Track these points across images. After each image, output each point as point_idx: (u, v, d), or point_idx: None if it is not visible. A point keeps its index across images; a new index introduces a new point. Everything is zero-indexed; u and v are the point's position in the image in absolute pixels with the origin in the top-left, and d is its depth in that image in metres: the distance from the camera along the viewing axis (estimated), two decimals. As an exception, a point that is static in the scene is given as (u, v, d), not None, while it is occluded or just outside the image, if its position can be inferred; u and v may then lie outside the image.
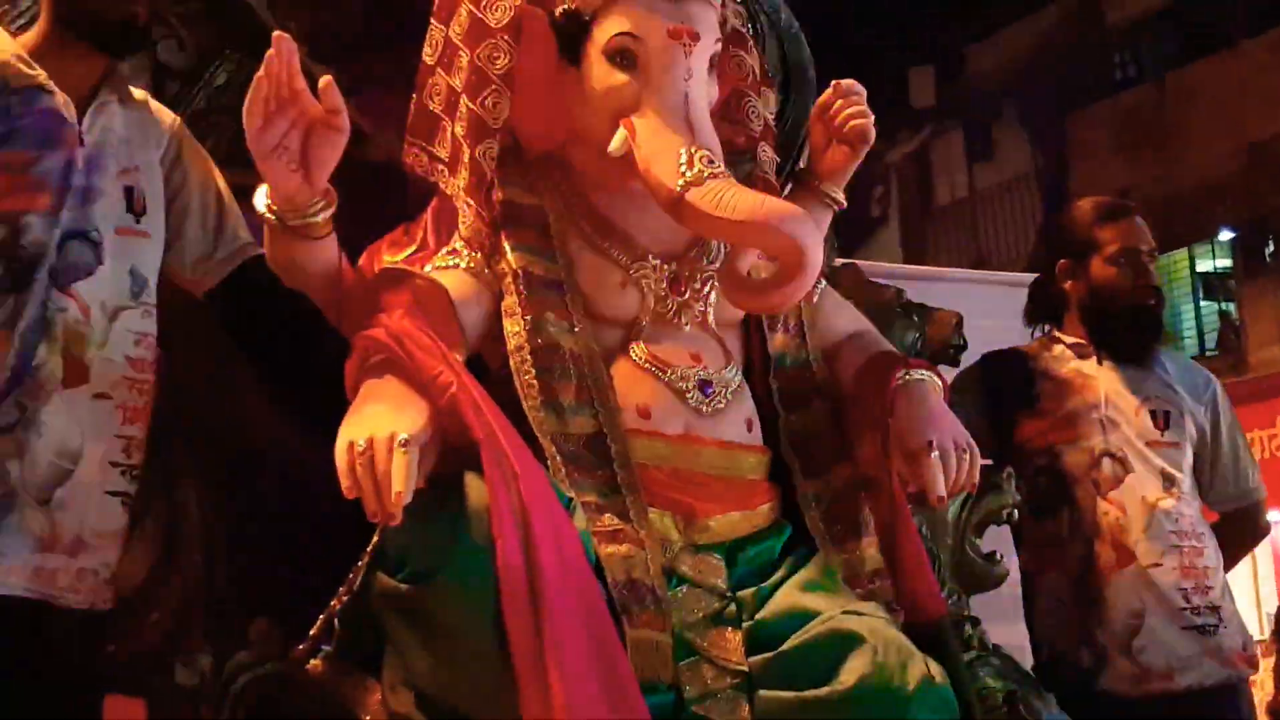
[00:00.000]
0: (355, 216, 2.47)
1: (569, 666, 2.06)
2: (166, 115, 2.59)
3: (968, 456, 2.50)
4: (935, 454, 2.46)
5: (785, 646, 2.30)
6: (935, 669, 2.31)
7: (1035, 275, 3.56)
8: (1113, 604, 3.15)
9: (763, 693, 2.27)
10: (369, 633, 2.30)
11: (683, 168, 2.36)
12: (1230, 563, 3.34)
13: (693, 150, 2.38)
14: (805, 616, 2.32)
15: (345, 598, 2.33)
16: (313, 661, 2.32)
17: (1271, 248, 15.40)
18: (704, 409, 2.49)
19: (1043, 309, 3.45)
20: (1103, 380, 3.30)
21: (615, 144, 2.44)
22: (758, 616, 2.35)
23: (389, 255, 2.55)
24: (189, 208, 2.56)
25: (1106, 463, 3.22)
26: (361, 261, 2.54)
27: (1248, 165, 14.69)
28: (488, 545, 2.12)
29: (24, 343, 2.31)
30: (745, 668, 2.29)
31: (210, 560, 2.48)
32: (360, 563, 2.32)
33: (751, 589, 2.39)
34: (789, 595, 2.38)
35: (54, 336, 2.33)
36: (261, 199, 2.37)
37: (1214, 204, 15.14)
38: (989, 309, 3.38)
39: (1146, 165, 15.32)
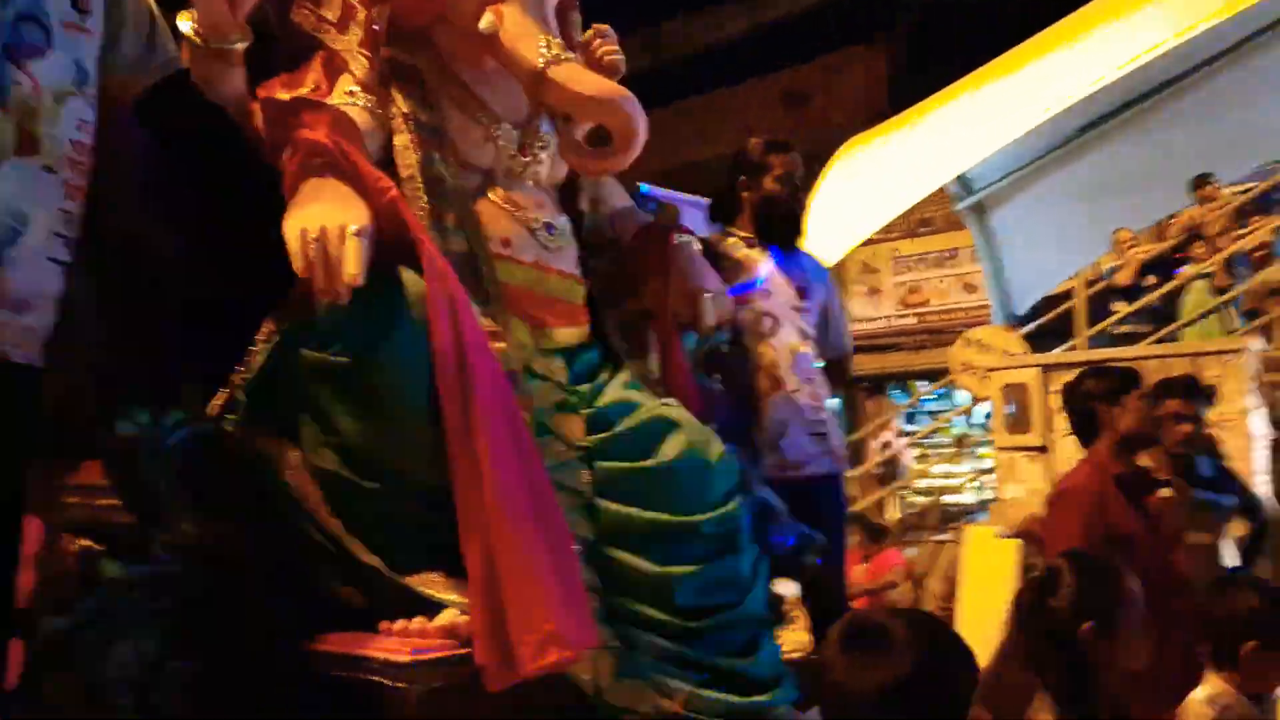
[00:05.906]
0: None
1: (493, 431, 1.55)
2: None
3: (728, 300, 2.17)
4: (708, 296, 2.12)
5: (619, 428, 1.90)
6: (725, 448, 1.96)
7: (710, 199, 3.20)
8: (768, 416, 2.90)
9: (600, 463, 1.87)
10: (281, 402, 1.68)
11: (543, 50, 1.87)
12: (832, 394, 3.15)
13: (550, 38, 1.90)
14: (631, 406, 1.93)
15: (245, 375, 1.70)
16: (227, 427, 1.66)
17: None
18: (550, 245, 2.01)
19: (722, 213, 3.11)
20: (763, 263, 3.01)
21: (484, 23, 1.90)
22: (595, 404, 1.92)
23: (284, 93, 1.87)
24: (126, 17, 1.77)
25: (766, 320, 2.94)
26: (259, 94, 1.85)
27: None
28: (423, 326, 1.57)
29: None
30: (586, 444, 1.88)
31: (110, 334, 1.73)
32: (254, 346, 1.69)
33: (587, 385, 1.96)
34: (617, 391, 1.97)
35: (8, 106, 1.52)
36: (186, 23, 1.70)
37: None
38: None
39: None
